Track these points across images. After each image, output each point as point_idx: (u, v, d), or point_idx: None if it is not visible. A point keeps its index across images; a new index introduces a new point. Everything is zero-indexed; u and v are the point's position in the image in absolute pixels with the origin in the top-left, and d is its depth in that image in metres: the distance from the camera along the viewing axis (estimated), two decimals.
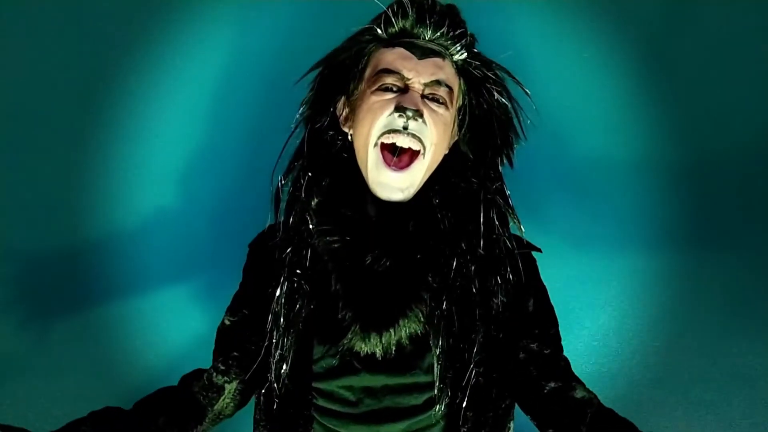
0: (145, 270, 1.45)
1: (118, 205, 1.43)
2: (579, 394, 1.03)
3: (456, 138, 1.10)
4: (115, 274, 1.44)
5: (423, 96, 1.03)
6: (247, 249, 1.17)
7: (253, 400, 1.13)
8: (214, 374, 1.07)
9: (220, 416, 1.08)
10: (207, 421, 1.06)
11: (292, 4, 1.39)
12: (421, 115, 1.00)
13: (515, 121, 1.09)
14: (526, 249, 1.10)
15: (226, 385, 1.07)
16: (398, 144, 1.00)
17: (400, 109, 1.00)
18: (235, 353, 1.08)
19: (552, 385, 1.04)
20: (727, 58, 1.40)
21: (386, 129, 1.01)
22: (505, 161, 1.10)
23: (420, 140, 1.01)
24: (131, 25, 1.40)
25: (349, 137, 1.08)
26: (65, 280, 1.41)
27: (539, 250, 1.12)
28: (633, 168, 1.42)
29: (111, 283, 1.43)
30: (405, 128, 1.00)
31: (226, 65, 1.41)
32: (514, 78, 1.10)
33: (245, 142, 1.43)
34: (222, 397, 1.07)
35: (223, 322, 1.13)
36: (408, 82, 1.03)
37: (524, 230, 1.09)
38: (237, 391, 1.08)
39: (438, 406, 0.99)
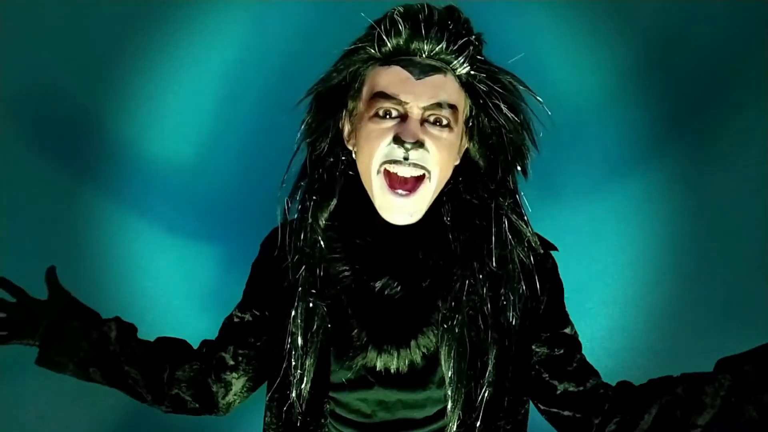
0: (145, 268, 1.45)
1: (119, 203, 1.44)
2: (592, 390, 1.05)
3: (466, 146, 1.07)
4: (114, 272, 1.44)
5: (424, 120, 0.97)
6: (259, 247, 1.17)
7: (263, 403, 1.14)
8: (224, 371, 1.12)
9: (229, 408, 1.17)
10: (220, 412, 1.17)
11: (303, 4, 1.39)
12: (422, 145, 0.96)
13: (527, 133, 1.03)
14: (541, 249, 1.08)
15: (234, 381, 1.12)
16: (400, 174, 0.97)
17: (398, 141, 0.95)
18: (246, 351, 1.12)
19: (564, 386, 1.06)
20: (735, 62, 1.39)
21: (387, 159, 0.97)
22: (518, 170, 1.05)
23: (423, 167, 0.97)
24: (135, 24, 1.41)
25: (353, 155, 1.05)
26: (65, 281, 1.42)
27: (555, 248, 1.11)
28: (636, 169, 1.42)
29: (110, 282, 1.43)
30: (406, 159, 0.96)
31: (234, 64, 1.42)
32: (525, 86, 1.03)
33: (251, 141, 1.43)
34: (231, 392, 1.14)
35: (231, 317, 1.15)
36: (406, 107, 0.97)
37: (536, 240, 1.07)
38: (245, 388, 1.14)
39: (450, 425, 0.99)
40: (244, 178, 1.44)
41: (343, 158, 1.07)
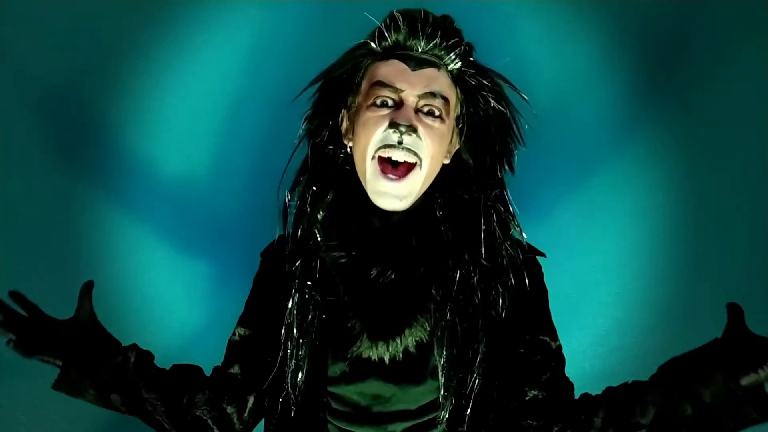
0: (146, 268, 1.45)
1: (121, 204, 1.44)
2: (559, 402, 1.06)
3: (458, 146, 1.12)
4: (115, 271, 1.44)
5: (418, 110, 1.05)
6: (259, 258, 1.20)
7: None
8: (236, 389, 1.11)
9: (250, 426, 1.14)
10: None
11: (310, 5, 1.40)
12: (415, 130, 1.03)
13: (513, 127, 1.11)
14: (530, 254, 1.12)
15: (248, 398, 1.11)
16: (393, 158, 1.04)
17: (393, 125, 1.03)
18: (252, 365, 1.11)
19: (534, 392, 1.07)
20: (729, 60, 1.39)
21: (382, 144, 1.04)
22: (506, 167, 1.12)
23: (415, 153, 1.03)
24: (139, 26, 1.41)
25: (349, 149, 1.11)
26: (65, 280, 1.42)
27: (543, 254, 1.14)
28: (633, 167, 1.42)
29: (110, 281, 1.43)
30: (400, 143, 1.03)
31: (240, 67, 1.42)
32: (510, 84, 1.11)
33: (254, 145, 1.43)
34: (246, 411, 1.12)
35: (236, 333, 1.15)
36: (402, 95, 1.05)
37: (526, 233, 1.11)
38: (259, 404, 1.12)
39: (442, 413, 1.02)
40: (251, 183, 1.44)
41: (341, 154, 1.13)
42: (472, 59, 1.10)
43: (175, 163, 1.44)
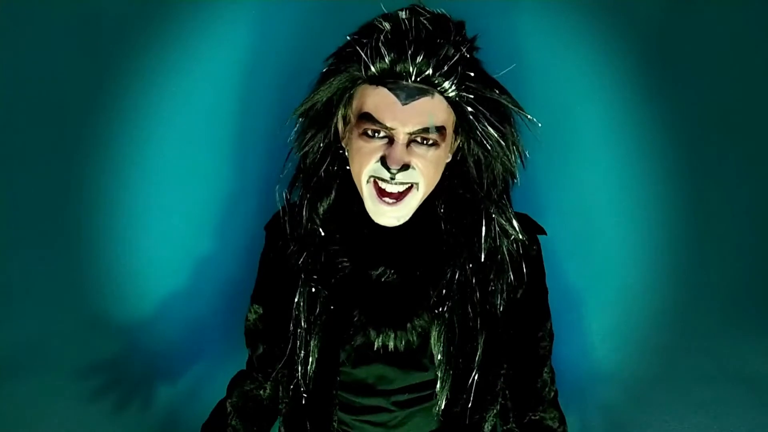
0: (146, 268, 1.45)
1: (120, 207, 1.43)
2: (536, 387, 1.13)
3: (459, 143, 1.07)
4: (117, 273, 1.44)
5: (411, 140, 0.98)
6: (264, 233, 1.20)
7: None
8: (272, 364, 1.17)
9: (280, 404, 1.19)
10: (271, 412, 1.22)
11: (309, 2, 1.39)
12: (408, 167, 0.98)
13: (515, 151, 1.04)
14: (529, 233, 1.11)
15: (279, 367, 1.16)
16: (388, 190, 1.00)
17: (385, 165, 0.97)
18: (275, 345, 1.16)
19: (510, 372, 1.12)
20: (732, 60, 1.39)
21: (375, 174, 0.99)
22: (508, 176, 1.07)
23: (409, 182, 1.00)
24: (138, 26, 1.40)
25: (346, 153, 1.07)
26: (65, 280, 1.42)
27: (543, 232, 1.14)
28: (634, 166, 1.42)
29: (111, 281, 1.43)
30: (392, 179, 0.98)
31: (243, 65, 1.41)
32: (515, 104, 1.02)
33: (259, 147, 1.43)
34: (277, 390, 1.18)
35: (251, 311, 1.20)
36: (392, 132, 0.97)
37: (524, 235, 1.09)
38: (285, 380, 1.16)
39: (439, 404, 1.06)
40: (259, 184, 1.43)
41: (341, 151, 1.08)
42: (471, 75, 0.99)
43: (174, 165, 1.44)
